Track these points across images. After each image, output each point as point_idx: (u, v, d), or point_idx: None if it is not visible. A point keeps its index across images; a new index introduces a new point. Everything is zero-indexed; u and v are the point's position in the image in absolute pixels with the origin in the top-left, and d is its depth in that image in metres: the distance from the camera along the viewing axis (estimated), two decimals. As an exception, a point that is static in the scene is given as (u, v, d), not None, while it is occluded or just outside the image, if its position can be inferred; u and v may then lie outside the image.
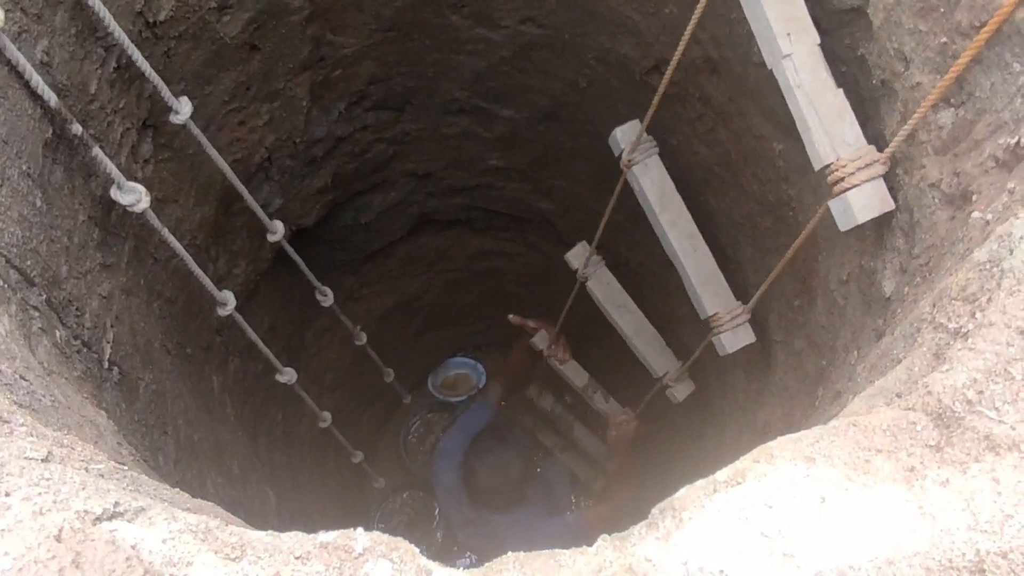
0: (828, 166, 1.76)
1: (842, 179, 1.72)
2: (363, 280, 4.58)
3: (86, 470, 1.07)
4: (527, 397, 4.85)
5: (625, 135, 2.72)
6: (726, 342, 2.61)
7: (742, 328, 2.62)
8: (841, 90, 1.80)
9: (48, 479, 0.95)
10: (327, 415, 3.62)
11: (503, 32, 3.13)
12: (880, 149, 1.82)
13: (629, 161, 2.70)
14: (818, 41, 1.80)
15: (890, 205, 1.73)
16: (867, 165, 1.71)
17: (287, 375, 3.11)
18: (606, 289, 3.44)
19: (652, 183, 2.71)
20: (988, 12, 1.41)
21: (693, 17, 1.94)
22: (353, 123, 3.47)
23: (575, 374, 4.20)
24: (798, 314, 2.53)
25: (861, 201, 1.72)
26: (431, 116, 3.67)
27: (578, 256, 3.44)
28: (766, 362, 2.82)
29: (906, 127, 1.60)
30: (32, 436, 1.08)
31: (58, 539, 0.86)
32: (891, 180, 1.80)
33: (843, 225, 1.76)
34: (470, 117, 3.71)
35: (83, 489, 0.94)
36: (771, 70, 1.86)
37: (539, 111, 3.56)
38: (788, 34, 1.79)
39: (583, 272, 3.40)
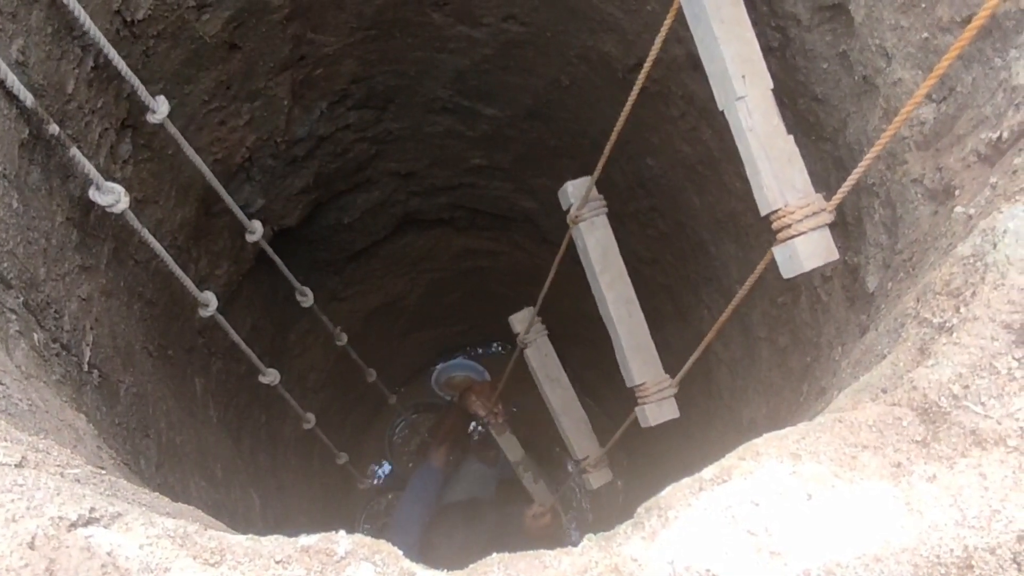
0: (775, 212, 1.74)
1: (789, 226, 1.71)
2: (347, 280, 4.56)
3: (62, 475, 1.05)
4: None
5: (576, 190, 2.66)
6: (649, 414, 2.50)
7: (667, 402, 2.52)
8: (792, 136, 1.78)
9: (21, 485, 0.93)
10: (311, 416, 3.59)
11: (485, 30, 3.11)
12: (860, 150, 1.82)
13: (576, 217, 2.65)
14: (771, 86, 1.79)
15: (834, 255, 1.71)
16: (814, 213, 1.69)
17: (270, 376, 3.09)
18: (543, 360, 3.39)
19: (596, 242, 2.65)
20: (969, 7, 1.41)
21: (662, 31, 1.93)
22: (335, 122, 3.45)
23: (510, 448, 4.16)
24: (782, 311, 2.53)
25: (808, 249, 1.69)
26: (414, 115, 3.66)
27: (522, 320, 3.39)
28: (750, 359, 2.82)
29: (856, 171, 1.58)
30: (5, 441, 1.06)
31: (31, 546, 0.84)
32: (874, 176, 1.80)
33: (787, 272, 1.74)
34: (453, 116, 3.70)
35: (58, 495, 0.93)
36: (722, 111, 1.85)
37: (522, 109, 3.56)
38: (743, 76, 1.78)
39: (523, 338, 3.36)
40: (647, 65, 1.97)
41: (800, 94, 2.08)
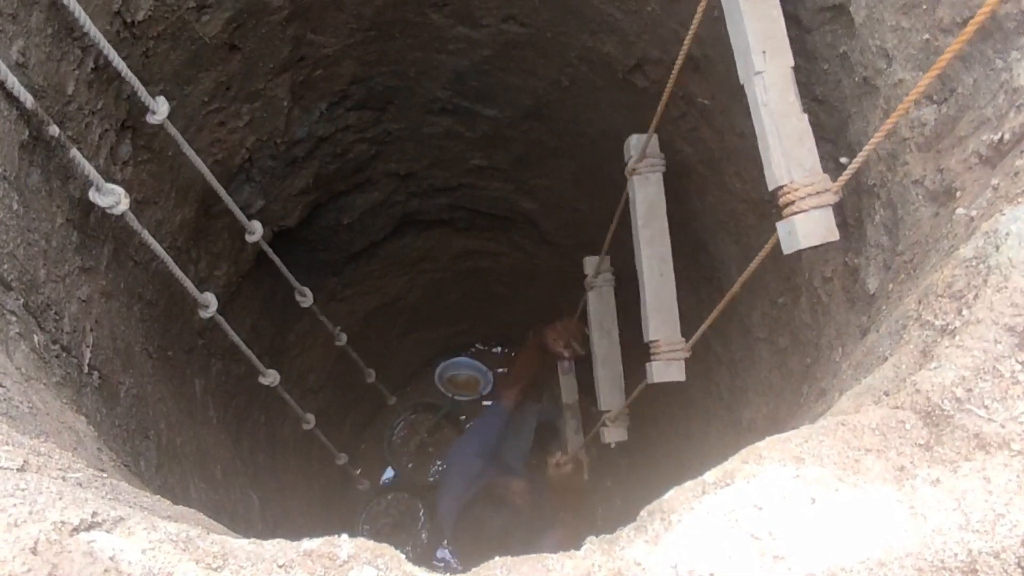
0: (781, 187, 1.76)
1: (792, 202, 1.72)
2: (346, 281, 4.55)
3: (63, 479, 1.05)
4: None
5: (639, 143, 2.73)
6: (655, 371, 2.57)
7: (676, 364, 2.58)
8: (806, 115, 1.80)
9: (24, 489, 0.93)
10: (311, 417, 3.59)
11: (485, 31, 3.11)
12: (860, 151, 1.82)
13: (633, 170, 2.72)
14: (792, 64, 1.81)
15: (834, 236, 1.72)
16: (818, 192, 1.71)
17: (270, 377, 3.09)
18: (601, 308, 3.46)
19: (645, 197, 2.72)
20: (970, 8, 1.41)
21: (693, 24, 1.94)
22: (335, 123, 3.45)
23: (568, 389, 4.13)
24: (782, 312, 2.53)
25: (807, 227, 1.71)
26: (413, 116, 3.66)
27: (592, 263, 3.49)
28: (750, 360, 2.82)
29: (860, 154, 1.59)
30: (7, 444, 1.06)
31: (34, 551, 0.84)
32: (875, 177, 1.80)
33: (787, 248, 1.76)
34: (452, 117, 3.70)
35: (60, 499, 0.92)
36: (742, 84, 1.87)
37: (522, 110, 3.55)
38: (764, 52, 1.80)
39: (590, 281, 3.45)
40: (687, 42, 1.97)
41: (800, 95, 2.08)
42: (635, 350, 3.23)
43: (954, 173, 1.48)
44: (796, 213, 1.72)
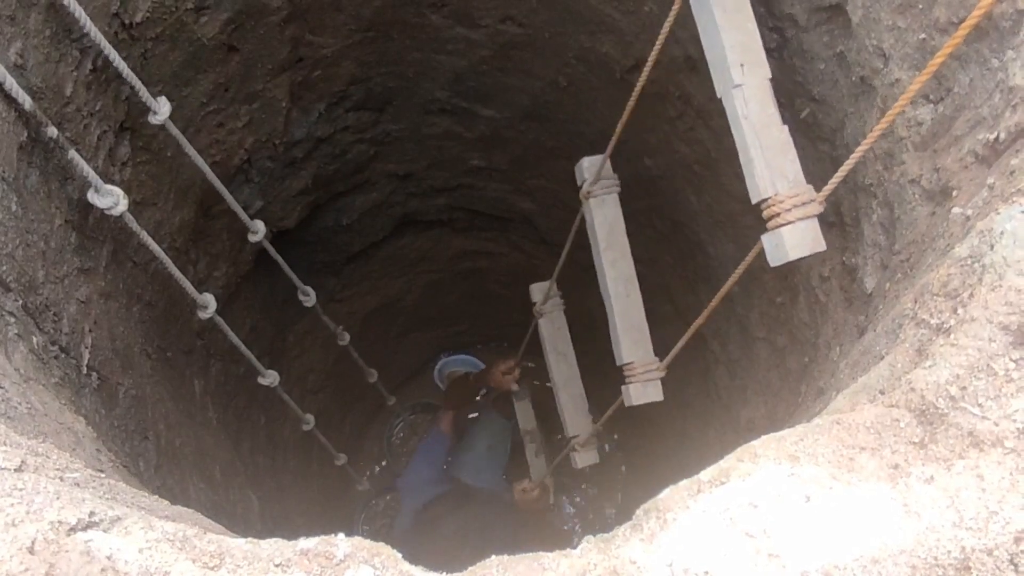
0: (765, 200, 1.76)
1: (778, 215, 1.72)
2: (345, 281, 4.56)
3: (61, 479, 1.05)
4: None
5: (591, 166, 2.71)
6: (633, 394, 2.53)
7: (652, 384, 2.54)
8: (786, 127, 1.80)
9: (21, 489, 0.93)
10: (310, 417, 3.60)
11: (483, 31, 3.12)
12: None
13: (588, 193, 2.70)
14: (769, 76, 1.81)
15: (821, 246, 1.72)
16: (803, 204, 1.71)
17: (269, 378, 3.09)
18: (554, 332, 3.46)
19: (604, 219, 2.70)
20: (966, 8, 1.41)
21: (662, 33, 1.94)
22: (333, 124, 3.45)
23: (524, 416, 4.26)
24: (780, 311, 2.53)
25: (794, 239, 1.71)
26: (412, 116, 3.66)
27: (540, 290, 3.47)
28: (748, 359, 2.82)
29: (843, 168, 1.59)
30: (5, 445, 1.06)
31: (31, 551, 0.84)
32: (872, 176, 1.80)
33: (774, 260, 1.76)
34: (451, 117, 3.70)
35: (57, 499, 0.93)
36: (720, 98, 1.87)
37: (520, 110, 3.56)
38: (741, 65, 1.80)
39: (539, 308, 3.45)
40: (654, 51, 1.97)
41: (797, 94, 2.08)
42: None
43: (950, 172, 1.48)
44: (782, 225, 1.71)
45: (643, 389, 2.53)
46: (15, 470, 0.99)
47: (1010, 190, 1.15)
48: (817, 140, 2.07)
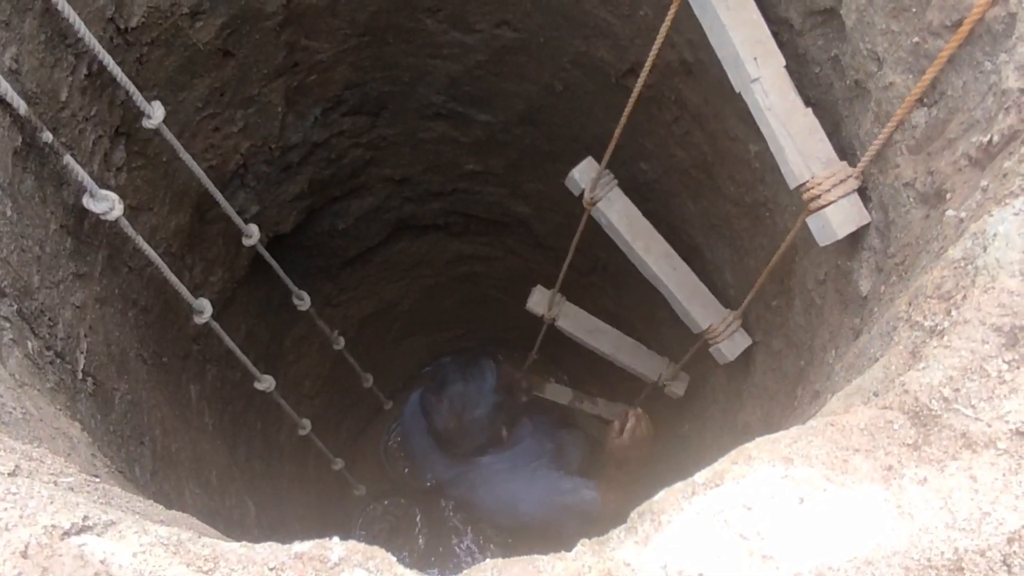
0: (803, 184, 1.78)
1: (818, 196, 1.74)
2: (341, 286, 4.55)
3: (55, 483, 1.05)
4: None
5: (583, 174, 2.70)
6: (726, 351, 2.63)
7: (738, 334, 2.65)
8: (810, 109, 1.82)
9: (15, 493, 0.93)
10: (306, 422, 3.59)
11: (478, 36, 3.12)
12: (853, 154, 1.83)
13: (591, 199, 2.69)
14: (784, 63, 1.83)
15: (866, 218, 1.75)
16: (841, 181, 1.74)
17: (265, 383, 3.09)
18: (575, 321, 3.44)
19: (619, 215, 2.71)
20: (959, 11, 1.42)
21: (661, 30, 1.95)
22: (329, 128, 3.45)
23: (557, 394, 4.17)
24: (776, 314, 2.54)
25: (839, 217, 1.75)
26: (407, 121, 3.66)
27: (540, 299, 3.42)
28: (745, 363, 2.82)
29: (878, 139, 1.61)
30: (-1, 450, 1.06)
31: (24, 555, 0.84)
32: (866, 180, 1.81)
33: (822, 240, 1.79)
34: (446, 122, 3.70)
35: (51, 503, 0.93)
36: (740, 93, 1.88)
37: (515, 115, 3.56)
38: (755, 58, 1.82)
39: (549, 314, 3.40)
40: (653, 54, 1.98)
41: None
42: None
43: (944, 175, 1.48)
44: (824, 206, 1.74)
45: (732, 343, 2.64)
46: (9, 475, 0.99)
47: (1003, 192, 1.16)
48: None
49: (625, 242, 2.71)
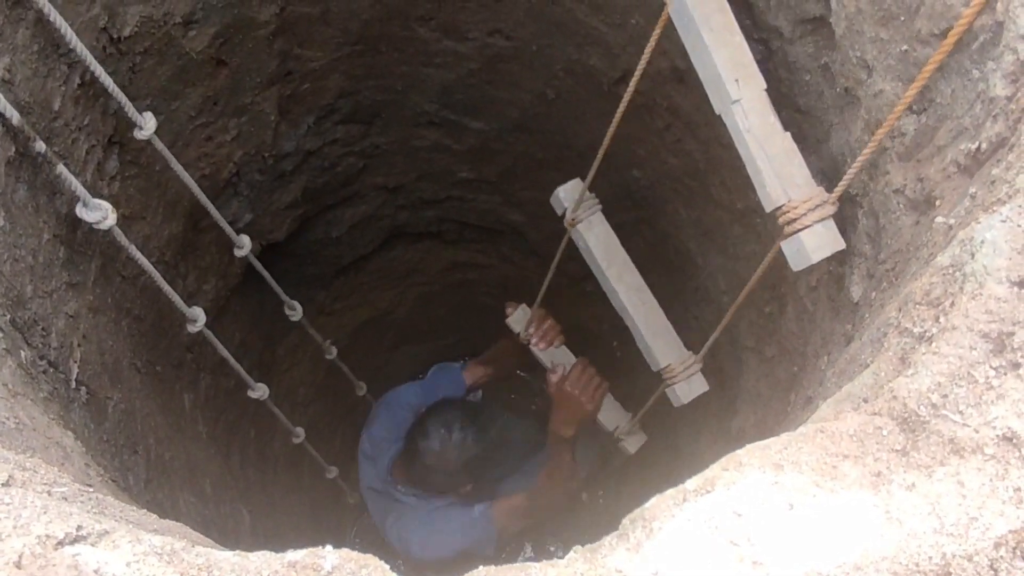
0: (779, 208, 1.78)
1: (794, 220, 1.75)
2: (335, 294, 4.55)
3: (48, 493, 1.06)
4: None
5: (568, 194, 2.69)
6: (680, 393, 2.59)
7: (695, 377, 2.61)
8: (789, 133, 1.83)
9: (8, 503, 0.93)
10: (300, 431, 3.58)
11: (471, 44, 3.13)
12: (844, 162, 1.84)
13: (573, 220, 2.69)
14: (764, 86, 1.84)
15: (841, 244, 1.76)
16: (817, 206, 1.75)
17: (259, 391, 3.09)
18: (548, 354, 3.39)
19: (597, 240, 2.70)
20: (947, 20, 1.43)
21: (651, 40, 1.96)
22: (322, 137, 3.46)
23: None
24: (769, 321, 2.54)
25: (814, 242, 1.75)
26: (400, 129, 3.67)
27: (520, 317, 3.37)
28: (738, 369, 2.83)
29: (855, 165, 1.62)
30: (-8, 460, 1.06)
31: (18, 565, 0.84)
32: (857, 186, 1.82)
33: (796, 265, 1.79)
34: (439, 130, 3.71)
35: (45, 513, 0.93)
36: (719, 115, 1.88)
37: (508, 123, 3.57)
38: (736, 80, 1.82)
39: (525, 335, 3.35)
40: (641, 65, 1.99)
41: (783, 106, 2.10)
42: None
43: (933, 182, 1.49)
44: (800, 230, 1.74)
45: (688, 386, 2.60)
46: (3, 485, 0.99)
47: (991, 199, 1.16)
48: (803, 151, 2.08)
49: (599, 268, 2.70)
